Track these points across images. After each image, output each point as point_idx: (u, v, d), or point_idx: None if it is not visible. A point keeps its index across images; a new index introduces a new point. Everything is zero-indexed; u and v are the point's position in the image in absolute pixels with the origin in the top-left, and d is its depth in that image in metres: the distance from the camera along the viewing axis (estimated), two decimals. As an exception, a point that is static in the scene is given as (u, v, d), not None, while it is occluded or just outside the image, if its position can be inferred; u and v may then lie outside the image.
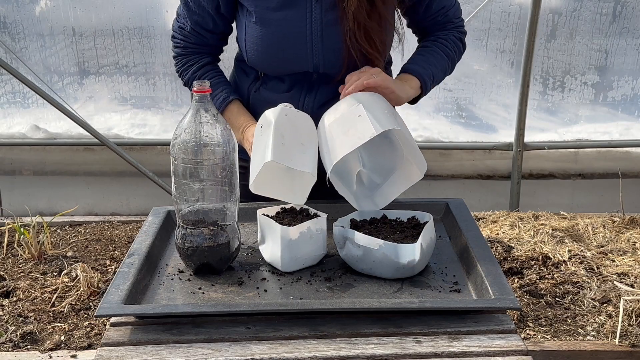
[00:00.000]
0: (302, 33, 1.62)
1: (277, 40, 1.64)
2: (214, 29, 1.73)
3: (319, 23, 1.62)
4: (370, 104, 1.49)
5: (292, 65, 1.67)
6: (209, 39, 1.75)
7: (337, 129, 1.47)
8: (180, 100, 3.58)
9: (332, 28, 1.62)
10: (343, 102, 1.54)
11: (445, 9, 1.76)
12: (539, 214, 3.39)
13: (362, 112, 1.45)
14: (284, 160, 1.41)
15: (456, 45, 1.79)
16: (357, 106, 1.48)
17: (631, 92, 3.61)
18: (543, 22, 3.41)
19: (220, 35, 1.76)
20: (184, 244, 1.41)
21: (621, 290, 2.62)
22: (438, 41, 1.77)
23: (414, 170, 1.52)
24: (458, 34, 1.80)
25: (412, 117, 3.55)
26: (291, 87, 1.72)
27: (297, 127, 1.50)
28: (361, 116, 1.44)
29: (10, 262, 3.01)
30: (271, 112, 1.50)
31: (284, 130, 1.46)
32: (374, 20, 1.61)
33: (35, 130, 3.56)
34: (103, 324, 2.52)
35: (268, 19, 1.63)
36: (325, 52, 1.64)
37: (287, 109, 1.52)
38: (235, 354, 1.17)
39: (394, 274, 1.38)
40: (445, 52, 1.76)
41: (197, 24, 1.71)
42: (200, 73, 1.74)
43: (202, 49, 1.76)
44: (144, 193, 3.65)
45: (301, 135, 1.50)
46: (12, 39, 3.42)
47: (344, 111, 1.50)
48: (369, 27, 1.60)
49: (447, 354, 1.17)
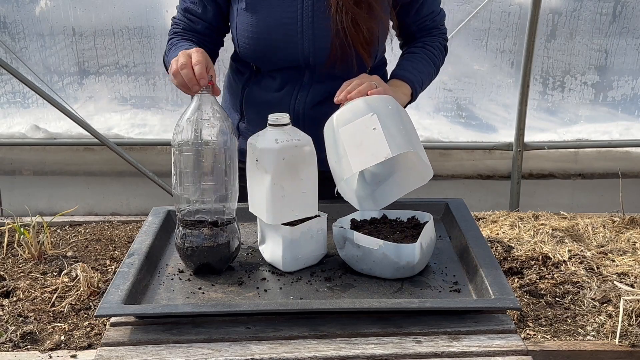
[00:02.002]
0: (292, 19, 1.62)
1: (267, 27, 1.63)
2: (202, 15, 1.70)
3: (310, 10, 1.62)
4: (385, 116, 1.40)
5: (282, 53, 1.66)
6: (197, 25, 1.71)
7: (349, 138, 1.40)
8: (180, 100, 3.58)
9: (322, 15, 1.62)
10: (354, 107, 1.44)
11: (433, 14, 1.78)
12: (539, 214, 3.39)
13: (377, 125, 1.38)
14: (286, 219, 1.41)
15: (441, 53, 1.81)
16: (371, 116, 1.40)
17: (631, 92, 3.61)
18: (543, 22, 3.41)
19: (208, 24, 1.71)
20: (183, 244, 1.41)
21: (621, 290, 2.62)
22: (426, 47, 1.78)
23: (418, 175, 1.51)
24: (442, 40, 1.83)
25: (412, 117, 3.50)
26: (283, 86, 1.72)
27: (297, 170, 1.40)
28: (376, 130, 1.37)
29: (10, 262, 3.01)
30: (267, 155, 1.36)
31: (283, 181, 1.38)
32: (362, 8, 1.60)
33: (35, 130, 3.56)
34: (103, 324, 2.52)
35: (259, 6, 1.63)
36: (316, 40, 1.63)
37: (285, 151, 1.37)
38: (235, 354, 1.17)
39: (393, 274, 1.38)
40: (432, 59, 1.77)
41: (187, 10, 1.72)
42: (174, 40, 1.69)
43: (189, 35, 1.72)
44: (144, 193, 3.65)
45: (301, 180, 1.41)
46: (12, 39, 3.42)
47: (357, 119, 1.41)
48: (356, 14, 1.59)
49: (447, 354, 1.17)
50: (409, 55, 1.78)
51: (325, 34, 1.63)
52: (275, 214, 1.39)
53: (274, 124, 1.38)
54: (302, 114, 1.71)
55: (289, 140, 1.37)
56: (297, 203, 1.41)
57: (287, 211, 1.40)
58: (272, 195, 1.38)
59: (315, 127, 1.55)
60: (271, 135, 1.37)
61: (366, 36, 1.63)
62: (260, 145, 1.37)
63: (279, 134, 1.37)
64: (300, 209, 1.42)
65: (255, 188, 1.42)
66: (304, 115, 1.71)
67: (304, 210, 1.42)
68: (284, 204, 1.39)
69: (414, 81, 1.71)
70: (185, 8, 1.72)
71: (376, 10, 1.62)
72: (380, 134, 1.36)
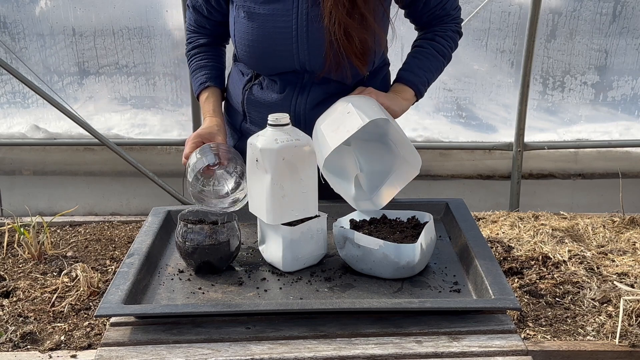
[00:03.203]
0: (287, 28, 1.63)
1: (263, 35, 1.65)
2: (209, 16, 1.79)
3: (305, 18, 1.62)
4: (359, 102, 1.52)
5: (279, 61, 1.68)
6: (205, 23, 1.81)
7: (327, 128, 1.48)
8: (180, 101, 3.58)
9: (316, 25, 1.62)
10: (334, 105, 1.57)
11: (442, 3, 1.77)
12: (539, 214, 3.39)
13: (350, 109, 1.47)
14: (286, 219, 1.42)
15: (453, 41, 1.81)
16: (346, 105, 1.51)
17: (631, 92, 3.61)
18: (543, 22, 3.41)
19: (215, 22, 1.80)
20: (184, 242, 1.41)
21: (621, 290, 2.62)
22: (435, 40, 1.78)
23: (409, 168, 1.53)
24: (455, 26, 1.82)
25: (412, 117, 3.55)
26: (283, 88, 1.73)
27: (297, 170, 1.41)
28: (350, 112, 1.47)
29: (10, 262, 3.01)
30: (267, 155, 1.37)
31: (283, 181, 1.39)
32: (354, 19, 1.60)
33: (35, 130, 3.56)
34: (103, 324, 2.52)
35: (255, 13, 1.64)
36: (311, 48, 1.64)
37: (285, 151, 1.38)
38: (235, 354, 1.17)
39: (393, 274, 1.38)
40: (442, 52, 1.78)
41: (194, 7, 1.80)
42: (193, 52, 1.84)
43: (201, 30, 1.84)
44: (144, 193, 3.65)
45: (301, 179, 1.42)
46: (12, 39, 3.42)
47: (335, 112, 1.53)
48: (348, 25, 1.59)
49: (447, 354, 1.17)
50: (416, 51, 1.79)
51: (319, 43, 1.63)
52: (275, 214, 1.39)
53: (274, 124, 1.39)
54: (303, 115, 1.72)
55: (289, 140, 1.38)
56: (297, 203, 1.41)
57: (287, 211, 1.40)
58: (272, 195, 1.38)
59: None
60: (271, 135, 1.38)
61: (359, 47, 1.63)
62: (260, 145, 1.37)
63: (279, 134, 1.38)
64: (300, 209, 1.42)
65: (255, 188, 1.42)
66: (304, 116, 1.71)
67: (304, 210, 1.43)
68: (283, 204, 1.39)
69: (417, 83, 1.73)
70: (193, 5, 1.80)
71: (369, 21, 1.62)
72: (354, 112, 1.45)
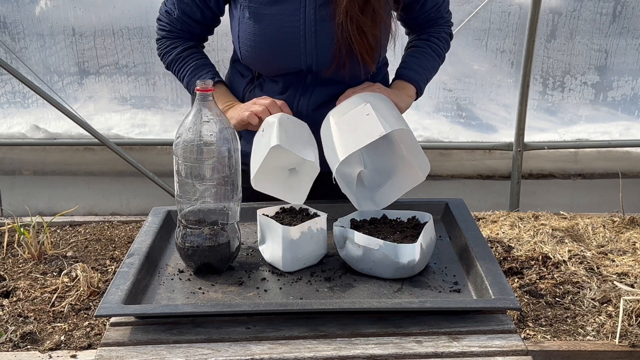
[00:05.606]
0: (295, 28, 1.62)
1: (270, 36, 1.64)
2: (202, 20, 1.74)
3: (313, 18, 1.62)
4: (377, 104, 1.51)
5: (286, 61, 1.67)
6: (195, 28, 1.75)
7: (344, 127, 1.48)
8: (180, 100, 3.58)
9: (325, 24, 1.62)
10: (349, 102, 1.57)
11: (437, 5, 1.78)
12: (539, 214, 3.39)
13: (370, 111, 1.47)
14: (289, 147, 1.42)
15: (446, 43, 1.84)
16: (364, 105, 1.50)
17: (631, 92, 3.61)
18: (543, 22, 3.41)
19: (207, 27, 1.78)
20: (184, 244, 1.41)
21: (621, 290, 2.62)
22: (431, 40, 1.80)
23: (415, 172, 1.52)
24: (448, 29, 1.84)
25: (412, 117, 3.55)
26: (286, 89, 1.72)
27: (299, 129, 1.56)
28: (369, 115, 1.46)
29: (10, 262, 3.01)
30: (272, 116, 1.58)
31: (287, 128, 1.51)
32: (367, 15, 1.61)
33: (35, 130, 3.56)
34: (103, 324, 2.52)
35: (262, 14, 1.63)
36: (319, 48, 1.64)
37: (288, 115, 1.59)
38: (235, 354, 1.17)
39: (393, 274, 1.38)
40: (438, 52, 1.80)
41: (184, 13, 1.72)
42: (185, 54, 1.75)
43: (187, 35, 1.77)
44: (144, 193, 3.65)
45: (302, 135, 1.54)
46: (12, 39, 3.42)
47: (351, 110, 1.52)
48: (361, 22, 1.60)
49: (447, 354, 1.17)
50: (413, 50, 1.80)
51: (328, 42, 1.63)
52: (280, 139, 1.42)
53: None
54: (305, 116, 1.71)
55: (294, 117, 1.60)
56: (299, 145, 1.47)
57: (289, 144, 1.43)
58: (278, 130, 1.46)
59: (318, 128, 1.59)
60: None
61: (371, 43, 1.63)
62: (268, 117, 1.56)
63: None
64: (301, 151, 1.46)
65: (258, 150, 1.48)
66: (307, 117, 1.71)
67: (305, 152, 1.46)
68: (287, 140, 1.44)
69: (418, 80, 1.75)
70: (183, 11, 1.72)
71: (380, 16, 1.62)
72: (374, 117, 1.45)
